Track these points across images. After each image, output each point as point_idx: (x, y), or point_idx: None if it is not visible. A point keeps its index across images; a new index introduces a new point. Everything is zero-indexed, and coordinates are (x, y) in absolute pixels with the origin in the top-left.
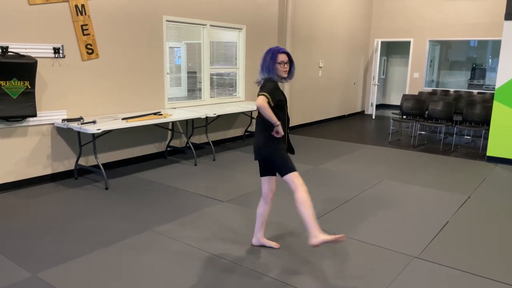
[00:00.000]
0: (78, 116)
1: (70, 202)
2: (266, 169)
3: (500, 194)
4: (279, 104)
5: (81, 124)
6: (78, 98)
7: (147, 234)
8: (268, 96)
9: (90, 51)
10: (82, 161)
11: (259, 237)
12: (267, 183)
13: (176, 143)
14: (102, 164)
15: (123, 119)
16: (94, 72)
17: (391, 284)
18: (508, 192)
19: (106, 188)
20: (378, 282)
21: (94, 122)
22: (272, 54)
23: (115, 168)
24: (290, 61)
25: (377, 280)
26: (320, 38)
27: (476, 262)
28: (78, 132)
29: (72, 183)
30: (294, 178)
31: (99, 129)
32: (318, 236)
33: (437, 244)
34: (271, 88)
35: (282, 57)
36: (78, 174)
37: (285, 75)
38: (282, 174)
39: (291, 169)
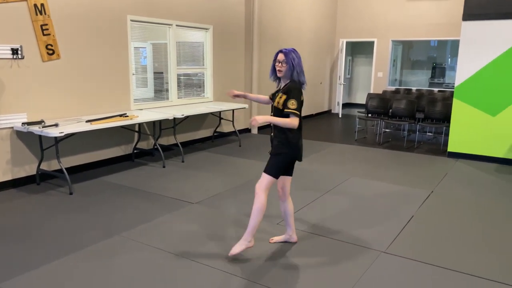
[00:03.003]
0: (39, 119)
1: (32, 208)
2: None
3: (461, 188)
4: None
5: (43, 127)
6: (39, 100)
7: (115, 239)
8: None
9: (51, 51)
10: (44, 166)
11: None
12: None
13: (143, 145)
14: (66, 168)
15: (87, 121)
16: (56, 73)
17: (360, 279)
18: (469, 186)
19: (71, 193)
20: (347, 278)
21: (56, 125)
22: (275, 54)
23: (79, 172)
24: (287, 62)
25: (346, 275)
26: (287, 38)
27: (441, 255)
28: (40, 136)
29: (34, 189)
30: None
31: (61, 132)
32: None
33: (403, 238)
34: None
35: (279, 56)
36: (40, 179)
37: (279, 74)
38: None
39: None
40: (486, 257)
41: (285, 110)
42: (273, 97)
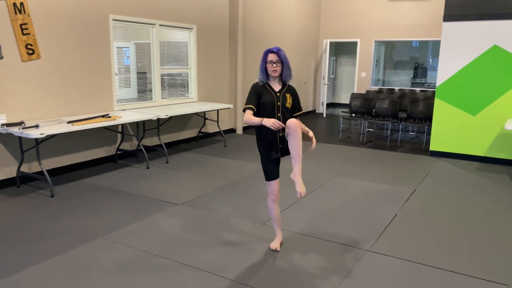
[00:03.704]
0: (19, 121)
1: (12, 211)
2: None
3: (443, 187)
4: (264, 106)
5: (23, 128)
6: (18, 101)
7: (98, 241)
8: (248, 107)
9: (31, 51)
10: (24, 168)
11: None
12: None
13: (126, 146)
14: (47, 170)
15: (68, 122)
16: (36, 73)
17: (345, 278)
18: (450, 184)
19: (52, 196)
20: (333, 276)
21: (36, 126)
22: (263, 54)
23: (61, 174)
24: (282, 61)
25: (332, 274)
26: (271, 38)
27: (424, 252)
28: (20, 137)
29: (14, 192)
30: (268, 187)
31: (42, 134)
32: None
33: (387, 236)
34: (250, 94)
35: (271, 57)
36: (20, 181)
37: (274, 74)
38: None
39: (267, 177)
40: (468, 254)
41: (299, 113)
42: (275, 97)
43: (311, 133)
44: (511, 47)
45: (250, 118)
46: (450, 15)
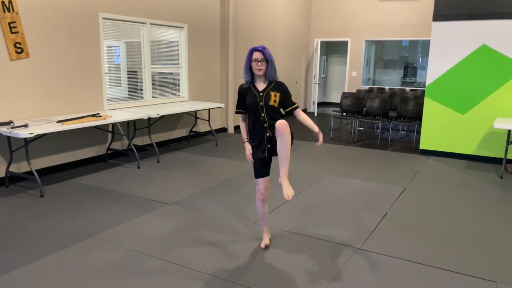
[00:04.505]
0: (7, 120)
1: (1, 212)
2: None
3: (433, 185)
4: (249, 108)
5: (11, 128)
6: (7, 100)
7: (88, 241)
8: (238, 111)
9: (20, 50)
10: (13, 168)
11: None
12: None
13: (117, 145)
14: (37, 170)
15: (58, 121)
16: (25, 72)
17: (336, 276)
18: (440, 183)
19: (42, 196)
20: (323, 275)
21: (25, 125)
22: (248, 53)
23: (51, 174)
24: (266, 60)
25: (322, 272)
26: (262, 37)
27: (414, 250)
28: (8, 137)
29: (3, 192)
30: (256, 185)
31: (31, 133)
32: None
33: (378, 235)
34: (237, 97)
35: (256, 55)
36: (9, 182)
37: (259, 73)
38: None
39: (255, 175)
40: (457, 252)
41: (291, 107)
42: (258, 97)
43: (316, 129)
44: (500, 46)
45: (241, 130)
46: (440, 15)
